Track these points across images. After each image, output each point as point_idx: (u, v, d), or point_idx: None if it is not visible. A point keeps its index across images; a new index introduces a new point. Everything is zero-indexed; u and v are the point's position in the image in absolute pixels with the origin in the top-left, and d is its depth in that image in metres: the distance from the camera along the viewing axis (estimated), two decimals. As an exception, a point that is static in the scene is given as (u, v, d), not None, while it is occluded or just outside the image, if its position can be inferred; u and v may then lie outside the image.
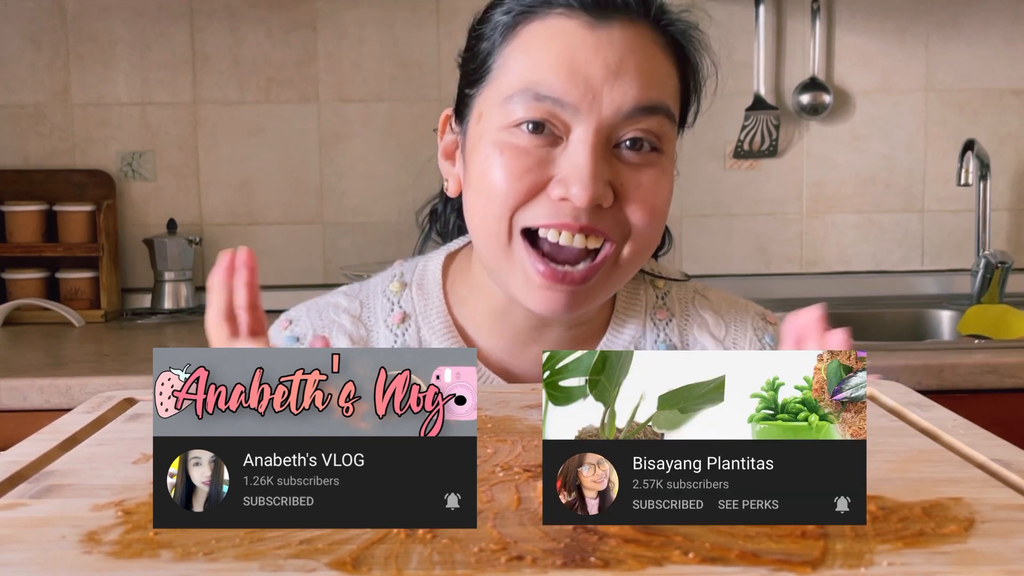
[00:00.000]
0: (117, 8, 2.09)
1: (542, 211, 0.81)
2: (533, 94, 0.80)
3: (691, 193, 2.17)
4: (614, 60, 0.80)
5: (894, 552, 0.43)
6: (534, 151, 0.80)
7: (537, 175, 0.80)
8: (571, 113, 0.80)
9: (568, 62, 0.80)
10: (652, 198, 0.82)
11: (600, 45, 0.80)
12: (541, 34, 0.82)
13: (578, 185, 0.78)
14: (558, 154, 0.81)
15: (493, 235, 0.83)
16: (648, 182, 0.82)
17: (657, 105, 0.81)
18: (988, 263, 1.99)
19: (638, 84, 0.80)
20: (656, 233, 0.85)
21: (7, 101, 2.11)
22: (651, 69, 0.82)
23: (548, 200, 0.80)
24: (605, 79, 0.80)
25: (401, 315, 0.94)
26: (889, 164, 2.18)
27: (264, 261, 2.15)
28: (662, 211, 0.84)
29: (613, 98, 0.80)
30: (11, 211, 2.04)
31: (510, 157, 0.80)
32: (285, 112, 2.13)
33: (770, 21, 2.13)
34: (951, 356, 1.53)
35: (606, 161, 0.80)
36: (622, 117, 0.80)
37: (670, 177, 0.85)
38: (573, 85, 0.79)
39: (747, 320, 0.96)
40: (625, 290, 0.95)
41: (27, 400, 1.46)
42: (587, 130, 0.80)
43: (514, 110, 0.81)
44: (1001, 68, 2.16)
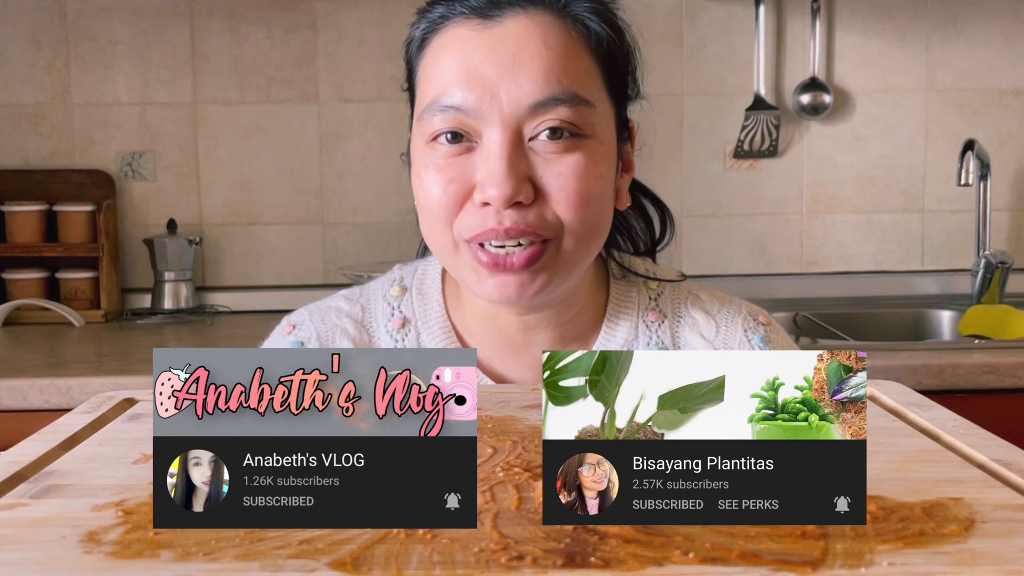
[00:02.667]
0: (117, 8, 2.09)
1: (471, 221, 0.81)
2: (439, 107, 0.81)
3: (691, 193, 2.17)
4: (507, 56, 0.80)
5: (894, 552, 0.43)
6: (454, 162, 0.81)
7: (460, 184, 0.81)
8: (476, 118, 0.80)
9: (464, 68, 0.81)
10: (574, 184, 0.81)
11: (493, 43, 0.81)
12: (442, 46, 0.83)
13: (493, 186, 0.79)
14: (476, 160, 0.81)
15: (442, 246, 0.85)
16: (568, 169, 0.81)
17: (558, 96, 0.80)
18: (988, 263, 1.99)
19: (534, 77, 0.80)
20: (593, 221, 0.83)
21: (7, 101, 2.11)
22: (550, 58, 0.80)
23: (473, 207, 0.81)
24: (500, 78, 0.80)
25: (401, 320, 0.94)
26: (889, 164, 2.18)
27: (264, 261, 2.16)
28: (589, 195, 0.82)
29: (511, 96, 0.80)
30: (11, 211, 2.04)
31: (433, 172, 0.82)
32: (285, 112, 2.13)
33: (770, 21, 2.13)
34: (951, 356, 1.53)
35: (521, 157, 0.80)
36: (524, 112, 0.80)
37: (600, 161, 0.83)
38: (471, 91, 0.80)
39: (737, 320, 0.96)
40: (616, 291, 0.95)
41: (27, 400, 1.46)
42: (494, 131, 0.80)
43: (428, 124, 0.82)
44: (1001, 68, 2.16)
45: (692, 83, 2.15)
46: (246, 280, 2.16)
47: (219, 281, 2.16)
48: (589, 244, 0.85)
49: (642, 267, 0.98)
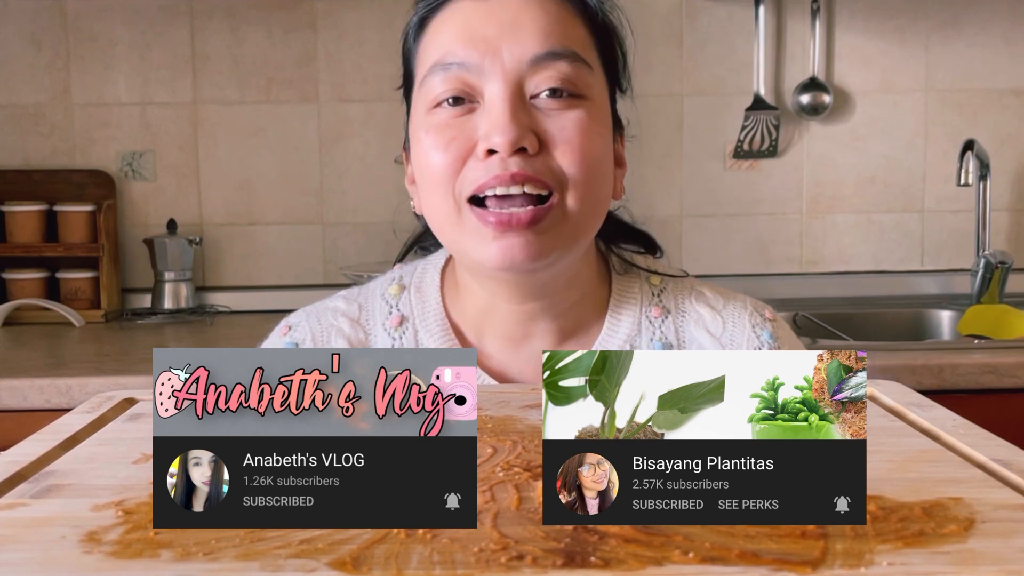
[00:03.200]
0: (117, 8, 2.09)
1: (475, 175, 0.81)
2: (441, 66, 0.83)
3: (691, 193, 2.17)
4: (507, 18, 0.83)
5: (894, 552, 0.43)
6: (455, 122, 0.83)
7: (462, 142, 0.82)
8: (477, 74, 0.82)
9: (466, 31, 0.83)
10: (578, 139, 0.82)
11: (493, 10, 0.83)
12: (444, 21, 0.85)
13: (497, 133, 0.80)
14: (479, 120, 0.82)
15: (444, 214, 0.84)
16: (571, 124, 0.82)
17: (559, 51, 0.82)
18: (988, 263, 1.99)
19: (534, 34, 0.82)
20: (595, 178, 0.84)
21: (7, 101, 2.10)
22: (549, 22, 0.83)
23: (477, 161, 0.82)
24: (501, 35, 0.82)
25: (399, 318, 0.94)
26: (889, 164, 2.18)
27: (264, 261, 2.16)
28: (593, 154, 0.83)
29: (512, 50, 0.82)
30: (11, 211, 2.04)
31: (435, 134, 0.83)
32: (285, 112, 2.13)
33: (770, 21, 2.13)
34: (951, 356, 1.53)
35: (524, 110, 0.82)
36: (526, 65, 0.82)
37: (600, 123, 0.85)
38: (473, 46, 0.82)
39: (744, 316, 0.95)
40: (619, 286, 0.95)
41: (27, 400, 1.46)
42: (496, 84, 0.82)
43: (430, 90, 0.84)
44: (1001, 68, 2.16)
45: (692, 83, 2.15)
46: (246, 280, 2.16)
47: (219, 281, 2.16)
48: (592, 206, 0.85)
49: (644, 262, 0.98)
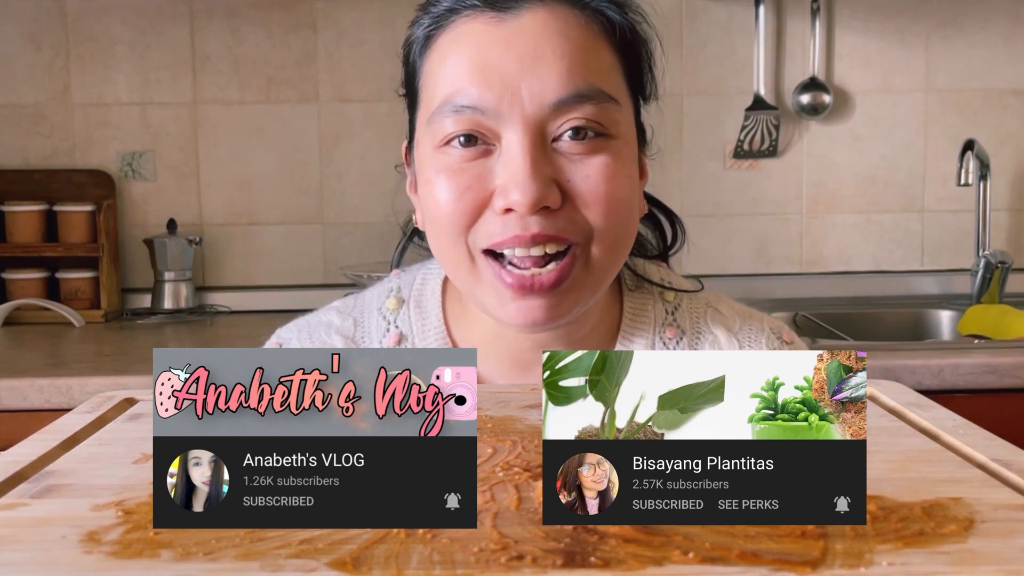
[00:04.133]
0: (117, 8, 2.09)
1: (491, 228, 0.75)
2: (452, 107, 0.75)
3: (691, 193, 2.17)
4: (528, 51, 0.75)
5: (894, 552, 0.43)
6: (469, 167, 0.76)
7: (477, 191, 0.75)
8: (494, 118, 0.75)
9: (480, 65, 0.75)
10: (604, 187, 0.75)
11: (510, 38, 0.75)
12: (452, 42, 0.78)
13: (517, 190, 0.73)
14: (494, 164, 0.76)
15: (455, 261, 0.79)
16: (596, 171, 0.75)
17: (583, 92, 0.75)
18: (988, 263, 1.99)
19: (557, 72, 0.74)
20: (623, 225, 0.78)
21: (7, 101, 2.10)
22: (572, 52, 0.75)
23: (493, 215, 0.75)
24: (520, 74, 0.74)
25: (397, 336, 0.89)
26: (889, 164, 2.18)
27: (264, 261, 2.16)
28: (619, 198, 0.77)
29: (533, 92, 0.74)
30: (11, 211, 2.04)
31: (447, 178, 0.76)
32: (285, 112, 2.13)
33: (770, 21, 2.13)
34: (951, 356, 1.53)
35: (546, 159, 0.75)
36: (548, 110, 0.74)
37: (627, 160, 0.78)
38: (488, 88, 0.74)
39: (761, 339, 0.91)
40: (631, 305, 0.90)
41: (27, 400, 1.46)
42: (515, 131, 0.74)
43: (441, 127, 0.76)
44: (1001, 68, 2.16)
45: (692, 83, 2.15)
46: (246, 280, 2.16)
47: (219, 281, 2.16)
48: (617, 253, 0.80)
49: (657, 275, 0.93)
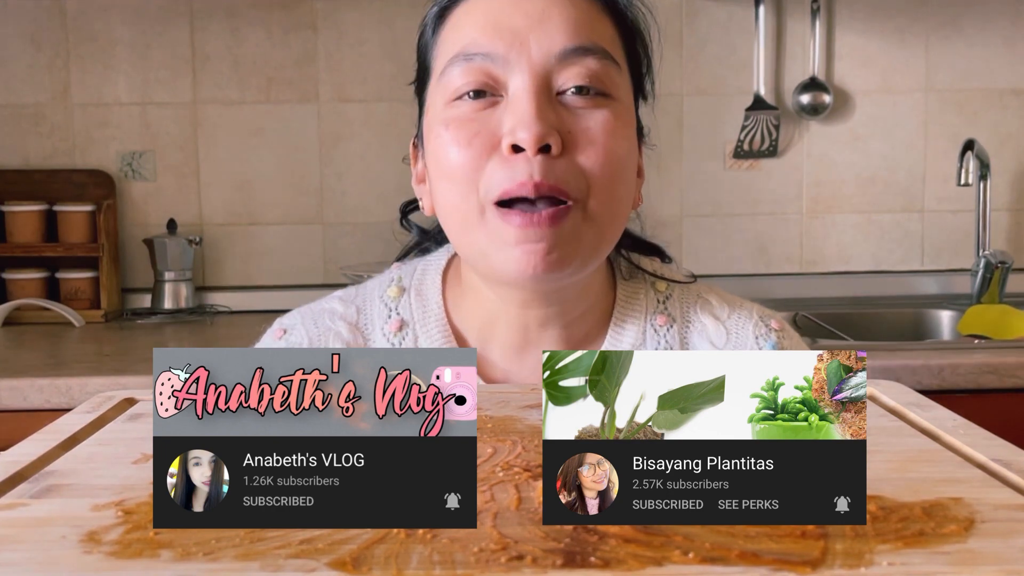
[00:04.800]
0: (117, 8, 2.09)
1: (499, 175, 0.78)
2: (464, 56, 0.80)
3: (691, 193, 2.17)
4: (536, 10, 0.80)
5: (894, 552, 0.43)
6: (478, 116, 0.80)
7: (485, 138, 0.79)
8: (503, 65, 0.79)
9: (492, 20, 0.80)
10: (603, 139, 0.79)
11: (519, 2, 0.81)
12: (464, 12, 0.83)
13: (522, 128, 0.77)
14: (502, 114, 0.79)
15: (465, 213, 0.81)
16: (596, 124, 0.79)
17: (588, 46, 0.80)
18: (988, 263, 1.99)
19: (564, 28, 0.80)
20: (618, 182, 0.81)
21: (7, 101, 2.11)
22: (577, 16, 0.81)
23: (501, 159, 0.78)
24: (530, 27, 0.79)
25: (399, 322, 0.91)
26: (889, 164, 2.18)
27: (264, 261, 2.16)
28: (617, 155, 0.80)
29: (541, 43, 0.79)
30: (11, 211, 2.04)
31: (456, 128, 0.80)
32: (285, 112, 2.13)
33: (770, 21, 2.13)
34: (951, 356, 1.53)
35: (550, 106, 0.79)
36: (554, 59, 0.79)
37: (625, 124, 0.82)
38: (499, 37, 0.79)
39: (748, 326, 0.93)
40: (624, 292, 0.93)
41: (27, 400, 1.46)
42: (522, 77, 0.79)
43: (451, 81, 0.81)
44: (1001, 68, 2.16)
45: (692, 83, 2.15)
46: (246, 280, 2.16)
47: (219, 281, 2.16)
48: (614, 211, 0.82)
49: (650, 266, 0.96)
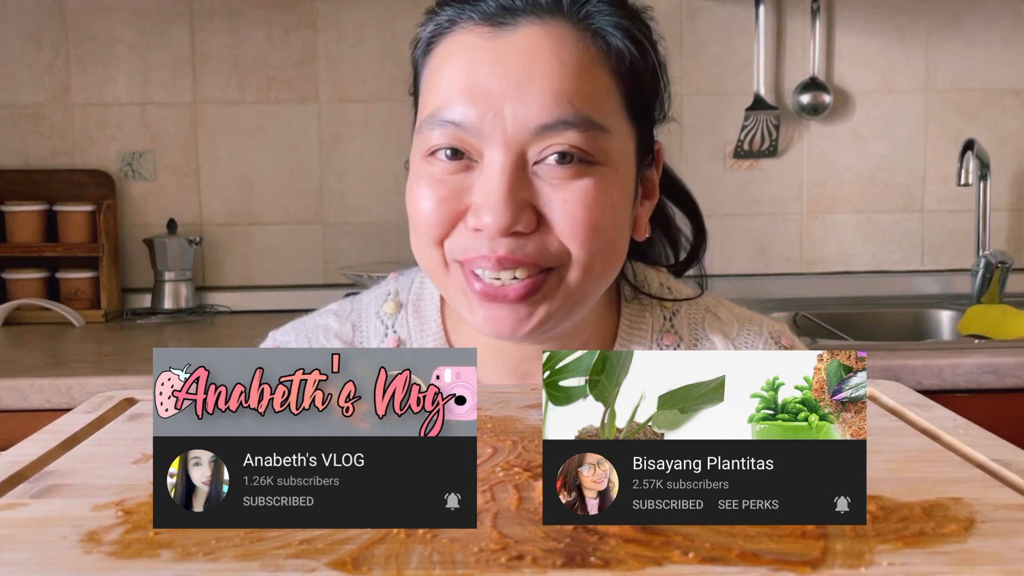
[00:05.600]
0: (117, 8, 2.09)
1: (463, 242, 0.76)
2: (438, 120, 0.75)
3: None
4: (516, 71, 0.74)
5: (894, 552, 0.43)
6: (450, 179, 0.76)
7: (453, 204, 0.75)
8: (476, 136, 0.74)
9: (468, 81, 0.74)
10: (581, 213, 0.74)
11: (500, 56, 0.74)
12: (448, 53, 0.77)
13: (489, 213, 0.73)
14: (475, 180, 0.75)
15: (431, 267, 0.80)
16: (575, 197, 0.74)
17: (568, 119, 0.73)
18: (988, 263, 1.99)
19: (542, 96, 0.73)
20: (602, 252, 0.77)
21: (7, 101, 2.11)
22: (563, 76, 0.74)
23: (466, 230, 0.75)
24: (506, 95, 0.73)
25: (395, 341, 0.89)
26: (889, 164, 2.18)
27: (264, 261, 2.16)
28: (598, 225, 0.75)
29: (516, 115, 0.73)
30: (11, 211, 2.04)
31: (427, 187, 0.76)
32: (285, 112, 2.13)
33: (770, 21, 2.13)
34: (951, 356, 1.53)
35: (523, 183, 0.74)
36: (530, 134, 0.73)
37: (613, 187, 0.76)
38: (473, 106, 0.74)
39: (759, 344, 0.90)
40: (628, 315, 0.89)
41: (27, 400, 1.46)
42: (496, 152, 0.74)
43: (427, 138, 0.77)
44: (1001, 68, 2.16)
45: (692, 83, 2.15)
46: (246, 280, 2.16)
47: (219, 281, 2.16)
48: (598, 277, 0.78)
49: (656, 281, 0.92)
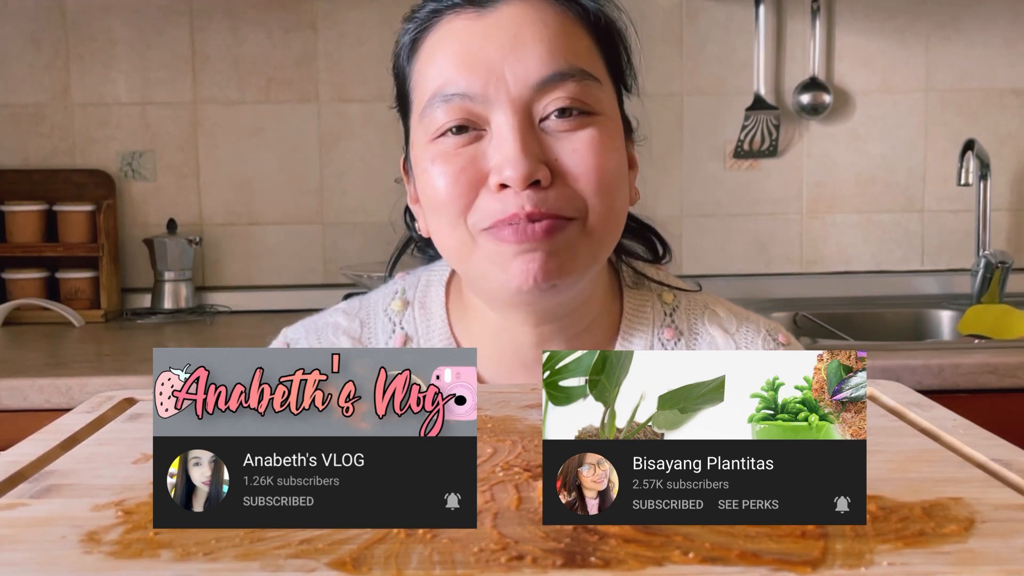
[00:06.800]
0: (117, 8, 2.09)
1: (489, 208, 0.79)
2: (442, 97, 0.80)
3: (691, 193, 2.17)
4: (508, 39, 0.79)
5: (894, 552, 0.43)
6: (463, 151, 0.79)
7: (471, 173, 0.79)
8: (482, 103, 0.79)
9: (464, 56, 0.80)
10: (592, 158, 0.79)
11: (490, 31, 0.80)
12: (437, 43, 0.82)
13: (509, 166, 0.77)
14: (486, 147, 0.79)
15: (457, 244, 0.82)
16: (583, 145, 0.79)
17: (564, 71, 0.79)
18: (988, 263, 1.99)
19: (538, 54, 0.79)
20: (614, 197, 0.81)
21: (7, 101, 2.10)
22: (550, 37, 0.80)
23: (490, 194, 0.79)
24: (503, 58, 0.79)
25: (403, 338, 0.91)
26: (889, 164, 2.18)
27: (264, 261, 2.16)
28: (607, 169, 0.80)
29: (517, 74, 0.79)
30: (11, 211, 2.04)
31: (442, 163, 0.80)
32: (285, 112, 2.13)
33: (770, 21, 2.13)
34: (951, 356, 1.53)
35: (534, 138, 0.79)
36: (532, 89, 0.79)
37: (612, 136, 0.82)
38: (474, 74, 0.79)
39: (757, 340, 0.93)
40: (631, 303, 0.92)
41: (27, 400, 1.46)
42: (503, 113, 0.78)
43: (433, 120, 0.80)
44: (1001, 68, 2.16)
45: (692, 83, 2.15)
46: (246, 280, 2.16)
47: (219, 281, 2.16)
48: (612, 223, 0.82)
49: (655, 275, 0.95)
